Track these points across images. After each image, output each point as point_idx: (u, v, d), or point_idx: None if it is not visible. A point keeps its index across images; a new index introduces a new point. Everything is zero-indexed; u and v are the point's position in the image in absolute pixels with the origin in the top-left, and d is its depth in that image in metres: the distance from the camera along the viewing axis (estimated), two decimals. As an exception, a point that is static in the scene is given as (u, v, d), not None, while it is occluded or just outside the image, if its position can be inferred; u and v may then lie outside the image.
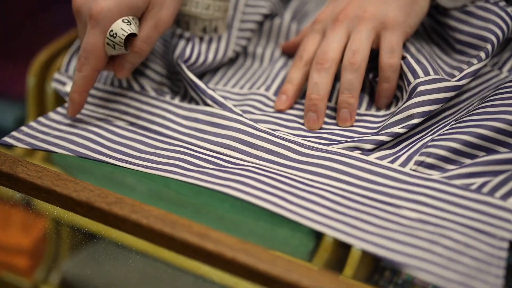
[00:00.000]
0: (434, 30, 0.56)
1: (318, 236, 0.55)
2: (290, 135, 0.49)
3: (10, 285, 0.79)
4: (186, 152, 0.49)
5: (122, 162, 0.48)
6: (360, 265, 0.54)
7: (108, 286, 0.68)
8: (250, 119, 0.50)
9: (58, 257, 0.76)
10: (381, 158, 0.46)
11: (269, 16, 0.61)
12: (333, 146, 0.48)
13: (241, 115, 0.50)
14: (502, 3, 0.52)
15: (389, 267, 0.58)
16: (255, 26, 0.59)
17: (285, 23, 0.60)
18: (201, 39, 0.56)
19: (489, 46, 0.50)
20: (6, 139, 0.50)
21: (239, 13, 0.58)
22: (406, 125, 0.47)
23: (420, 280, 0.54)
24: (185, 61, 0.54)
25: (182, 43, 0.55)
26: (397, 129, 0.47)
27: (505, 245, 0.40)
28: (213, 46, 0.56)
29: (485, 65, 0.51)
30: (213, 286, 0.60)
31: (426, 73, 0.48)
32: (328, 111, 0.53)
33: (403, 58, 0.50)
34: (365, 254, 0.54)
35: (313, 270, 0.38)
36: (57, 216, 0.65)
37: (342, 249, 0.56)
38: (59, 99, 0.67)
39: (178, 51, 0.54)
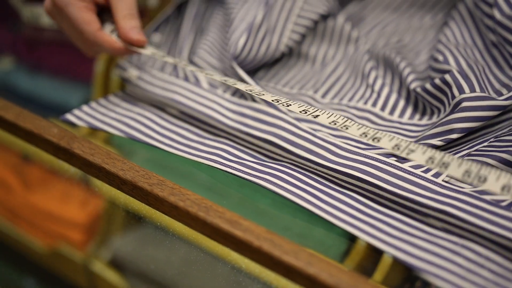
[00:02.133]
0: (494, 45, 0.55)
1: (352, 239, 0.56)
2: (330, 136, 0.50)
3: (65, 256, 0.84)
4: (229, 144, 0.51)
5: (169, 147, 0.51)
6: (391, 272, 0.55)
7: (153, 266, 0.71)
8: (294, 118, 0.52)
9: (110, 234, 0.80)
10: (415, 167, 0.47)
11: (325, 17, 0.62)
12: (370, 150, 0.49)
13: (285, 113, 0.51)
14: None
15: (421, 277, 0.58)
16: (310, 23, 0.60)
17: (338, 25, 0.61)
18: (256, 32, 0.57)
19: None
20: (68, 115, 0.54)
21: (297, 7, 0.59)
22: (445, 138, 0.48)
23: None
24: (237, 57, 0.56)
25: (234, 37, 0.57)
26: (435, 141, 0.48)
27: None
28: (267, 40, 0.58)
29: None
30: (245, 274, 0.62)
31: (472, 89, 0.48)
32: (369, 115, 0.54)
33: (449, 71, 0.51)
34: (396, 262, 0.55)
35: (332, 266, 0.39)
36: (111, 196, 0.69)
37: (374, 254, 0.56)
38: (123, 84, 0.71)
39: (230, 45, 0.56)
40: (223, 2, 0.65)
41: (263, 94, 0.48)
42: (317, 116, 0.45)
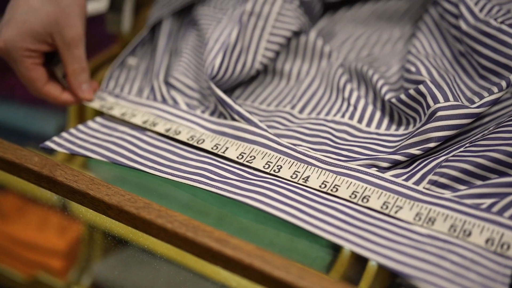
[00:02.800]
0: (462, 54, 0.57)
1: (336, 250, 0.56)
2: (311, 150, 0.51)
3: (45, 285, 0.82)
4: (212, 163, 0.51)
5: (152, 169, 0.51)
6: (375, 281, 0.55)
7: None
8: (274, 134, 0.52)
9: (90, 260, 0.79)
10: (396, 176, 0.48)
11: (297, 34, 0.63)
12: (351, 162, 0.50)
13: (265, 130, 0.52)
14: None
15: (405, 284, 0.59)
16: (283, 40, 0.61)
17: (311, 41, 0.63)
18: (231, 52, 0.58)
19: (511, 77, 0.51)
20: (48, 143, 0.54)
21: (269, 26, 0.60)
22: (423, 147, 0.49)
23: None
24: (214, 77, 0.57)
25: (210, 57, 0.58)
26: (414, 151, 0.49)
27: (511, 263, 0.41)
28: (242, 59, 0.59)
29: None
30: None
31: (446, 99, 0.50)
32: (347, 128, 0.55)
33: (422, 81, 0.52)
34: (380, 270, 0.55)
35: (324, 279, 0.40)
36: (91, 220, 0.69)
37: (359, 264, 0.57)
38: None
39: (207, 66, 0.57)
40: (195, 22, 0.66)
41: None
42: (307, 177, 0.49)
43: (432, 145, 0.49)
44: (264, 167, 0.50)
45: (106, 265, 0.75)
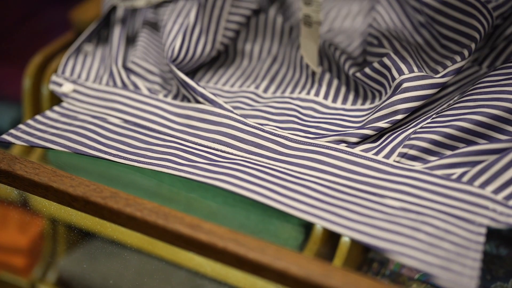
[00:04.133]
0: (422, 25, 0.57)
1: (308, 229, 0.56)
2: (278, 129, 0.51)
3: (8, 284, 0.80)
4: (179, 148, 0.50)
5: (117, 157, 0.49)
6: (349, 257, 0.56)
7: (104, 283, 0.69)
8: (240, 115, 0.51)
9: (55, 255, 0.77)
10: (366, 150, 0.48)
11: (256, 12, 0.62)
12: (319, 139, 0.49)
13: (231, 111, 0.51)
14: None
15: (377, 259, 0.59)
16: (243, 19, 0.60)
17: (270, 18, 0.62)
18: (191, 33, 0.57)
19: (472, 45, 0.51)
20: (5, 136, 0.52)
21: (228, 4, 0.59)
22: (391, 120, 0.49)
23: (407, 271, 0.56)
24: (174, 60, 0.55)
25: (169, 40, 0.56)
26: (382, 124, 0.49)
27: (483, 230, 0.41)
28: (202, 40, 0.58)
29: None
30: (205, 280, 0.62)
31: (411, 70, 0.50)
32: (314, 105, 0.55)
33: (386, 54, 0.52)
34: (353, 246, 0.56)
35: (301, 258, 0.39)
36: (53, 214, 0.67)
37: (331, 241, 0.57)
38: (54, 101, 0.69)
39: (167, 49, 0.56)
40: (152, 7, 0.64)
41: None
42: None
43: (399, 117, 0.49)
44: None
45: (73, 260, 0.73)
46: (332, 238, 0.57)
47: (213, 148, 0.50)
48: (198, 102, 0.53)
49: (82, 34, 0.63)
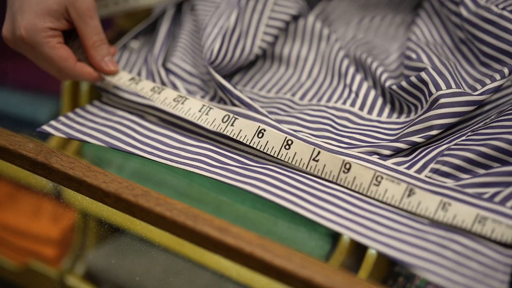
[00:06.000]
0: (462, 41, 0.57)
1: (335, 239, 0.56)
2: (311, 136, 0.51)
3: (38, 273, 0.82)
4: (212, 149, 0.51)
5: (151, 155, 0.50)
6: (374, 269, 0.55)
7: (130, 279, 0.70)
8: (275, 120, 0.52)
9: (84, 248, 0.78)
10: (398, 164, 0.48)
11: (295, 18, 0.62)
12: (352, 149, 0.49)
13: (266, 116, 0.52)
14: None
15: (403, 273, 0.59)
16: (282, 24, 0.60)
17: (309, 23, 0.62)
18: (230, 36, 0.57)
19: None
20: (45, 127, 0.53)
21: (268, 9, 0.59)
22: (425, 135, 0.48)
23: (433, 287, 0.55)
24: (212, 62, 0.56)
25: (208, 42, 0.57)
26: (416, 139, 0.48)
27: None
28: (241, 43, 0.58)
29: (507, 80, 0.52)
30: (230, 284, 0.62)
31: (448, 86, 0.49)
32: (349, 115, 0.55)
33: (424, 68, 0.51)
34: (379, 259, 0.55)
35: (326, 268, 0.39)
36: (85, 208, 0.68)
37: (357, 252, 0.57)
38: (93, 96, 0.70)
39: (206, 51, 0.56)
40: (192, 7, 0.65)
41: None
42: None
43: (434, 132, 0.48)
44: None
45: (101, 254, 0.74)
46: (358, 250, 0.57)
47: (246, 151, 0.50)
48: (234, 105, 0.53)
49: (131, 32, 0.64)
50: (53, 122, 0.54)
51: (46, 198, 0.76)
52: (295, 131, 0.51)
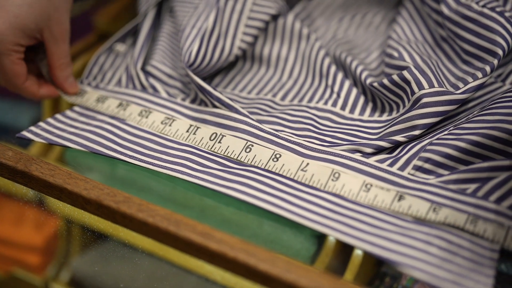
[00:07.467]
0: (444, 39, 0.57)
1: (321, 241, 0.56)
2: (294, 136, 0.51)
3: (22, 281, 0.81)
4: (194, 152, 0.50)
5: (132, 159, 0.50)
6: (361, 270, 0.55)
7: (115, 286, 0.70)
8: (256, 120, 0.51)
9: (68, 255, 0.78)
10: (381, 161, 0.47)
11: (275, 17, 0.61)
12: (335, 148, 0.49)
13: (247, 116, 0.51)
14: (507, 14, 0.52)
15: (390, 273, 0.58)
16: (262, 24, 0.60)
17: (289, 23, 0.61)
18: (209, 38, 0.57)
19: (495, 61, 0.50)
20: (24, 133, 0.53)
21: (247, 9, 0.59)
22: (408, 135, 0.48)
23: (419, 286, 0.55)
24: (191, 64, 0.55)
25: (186, 44, 0.56)
26: (399, 138, 0.48)
27: (497, 247, 0.41)
28: (220, 45, 0.58)
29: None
30: (215, 286, 0.62)
31: (431, 85, 0.49)
32: (330, 115, 0.54)
33: (406, 67, 0.51)
34: (365, 259, 0.55)
35: (311, 271, 0.39)
36: (69, 215, 0.67)
37: (343, 254, 0.57)
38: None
39: (184, 53, 0.56)
40: (171, 9, 0.64)
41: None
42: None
43: (417, 132, 0.48)
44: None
45: (85, 261, 0.73)
46: (344, 251, 0.56)
47: (228, 154, 0.50)
48: (215, 106, 0.53)
49: (116, 34, 0.64)
50: (32, 128, 0.53)
51: (29, 205, 0.75)
52: (277, 130, 0.51)
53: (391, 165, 0.47)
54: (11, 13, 0.51)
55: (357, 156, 0.48)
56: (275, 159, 0.48)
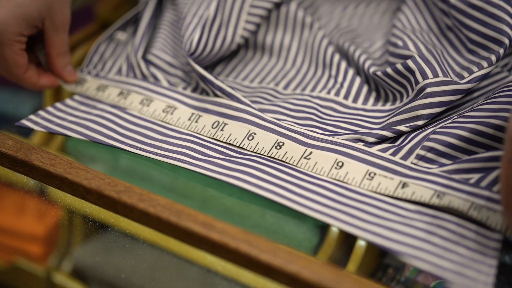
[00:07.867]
0: (449, 28, 0.56)
1: (323, 231, 0.55)
2: (296, 125, 0.50)
3: (24, 271, 0.81)
4: (195, 141, 0.50)
5: (133, 148, 0.49)
6: (363, 261, 0.55)
7: (116, 276, 0.70)
8: (258, 109, 0.51)
9: (70, 245, 0.78)
10: (383, 150, 0.47)
11: (278, 5, 0.61)
12: (337, 137, 0.49)
13: (249, 105, 0.51)
14: None
15: (393, 264, 0.58)
16: (264, 12, 0.59)
17: (292, 11, 0.60)
18: (210, 26, 0.56)
19: (501, 51, 0.50)
20: (24, 121, 0.52)
21: None
22: (412, 125, 0.48)
23: (422, 278, 0.55)
24: (192, 53, 0.55)
25: (188, 33, 0.56)
26: (402, 128, 0.48)
27: (499, 236, 0.41)
28: (222, 33, 0.57)
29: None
30: (216, 277, 0.61)
31: (435, 74, 0.49)
32: (333, 104, 0.54)
33: (410, 56, 0.51)
34: (368, 250, 0.55)
35: (313, 262, 0.39)
36: (70, 205, 0.67)
37: (346, 244, 0.56)
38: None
39: (185, 42, 0.55)
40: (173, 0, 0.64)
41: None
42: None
43: (420, 123, 0.48)
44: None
45: (87, 251, 0.73)
46: (347, 242, 0.56)
47: (229, 143, 0.50)
48: (216, 95, 0.53)
49: (116, 23, 0.64)
50: (32, 117, 0.53)
51: (30, 195, 0.75)
52: (279, 119, 0.51)
53: (393, 154, 0.46)
54: (13, 2, 0.50)
55: (359, 145, 0.47)
56: (278, 147, 0.48)
